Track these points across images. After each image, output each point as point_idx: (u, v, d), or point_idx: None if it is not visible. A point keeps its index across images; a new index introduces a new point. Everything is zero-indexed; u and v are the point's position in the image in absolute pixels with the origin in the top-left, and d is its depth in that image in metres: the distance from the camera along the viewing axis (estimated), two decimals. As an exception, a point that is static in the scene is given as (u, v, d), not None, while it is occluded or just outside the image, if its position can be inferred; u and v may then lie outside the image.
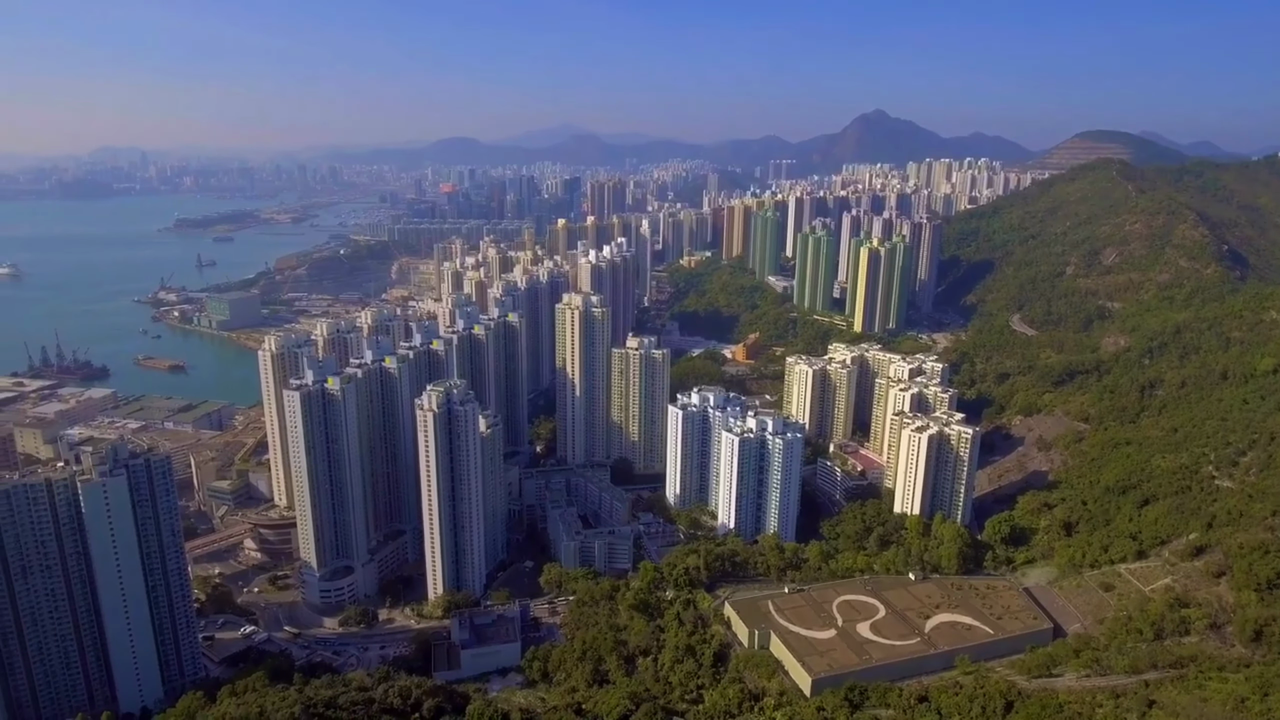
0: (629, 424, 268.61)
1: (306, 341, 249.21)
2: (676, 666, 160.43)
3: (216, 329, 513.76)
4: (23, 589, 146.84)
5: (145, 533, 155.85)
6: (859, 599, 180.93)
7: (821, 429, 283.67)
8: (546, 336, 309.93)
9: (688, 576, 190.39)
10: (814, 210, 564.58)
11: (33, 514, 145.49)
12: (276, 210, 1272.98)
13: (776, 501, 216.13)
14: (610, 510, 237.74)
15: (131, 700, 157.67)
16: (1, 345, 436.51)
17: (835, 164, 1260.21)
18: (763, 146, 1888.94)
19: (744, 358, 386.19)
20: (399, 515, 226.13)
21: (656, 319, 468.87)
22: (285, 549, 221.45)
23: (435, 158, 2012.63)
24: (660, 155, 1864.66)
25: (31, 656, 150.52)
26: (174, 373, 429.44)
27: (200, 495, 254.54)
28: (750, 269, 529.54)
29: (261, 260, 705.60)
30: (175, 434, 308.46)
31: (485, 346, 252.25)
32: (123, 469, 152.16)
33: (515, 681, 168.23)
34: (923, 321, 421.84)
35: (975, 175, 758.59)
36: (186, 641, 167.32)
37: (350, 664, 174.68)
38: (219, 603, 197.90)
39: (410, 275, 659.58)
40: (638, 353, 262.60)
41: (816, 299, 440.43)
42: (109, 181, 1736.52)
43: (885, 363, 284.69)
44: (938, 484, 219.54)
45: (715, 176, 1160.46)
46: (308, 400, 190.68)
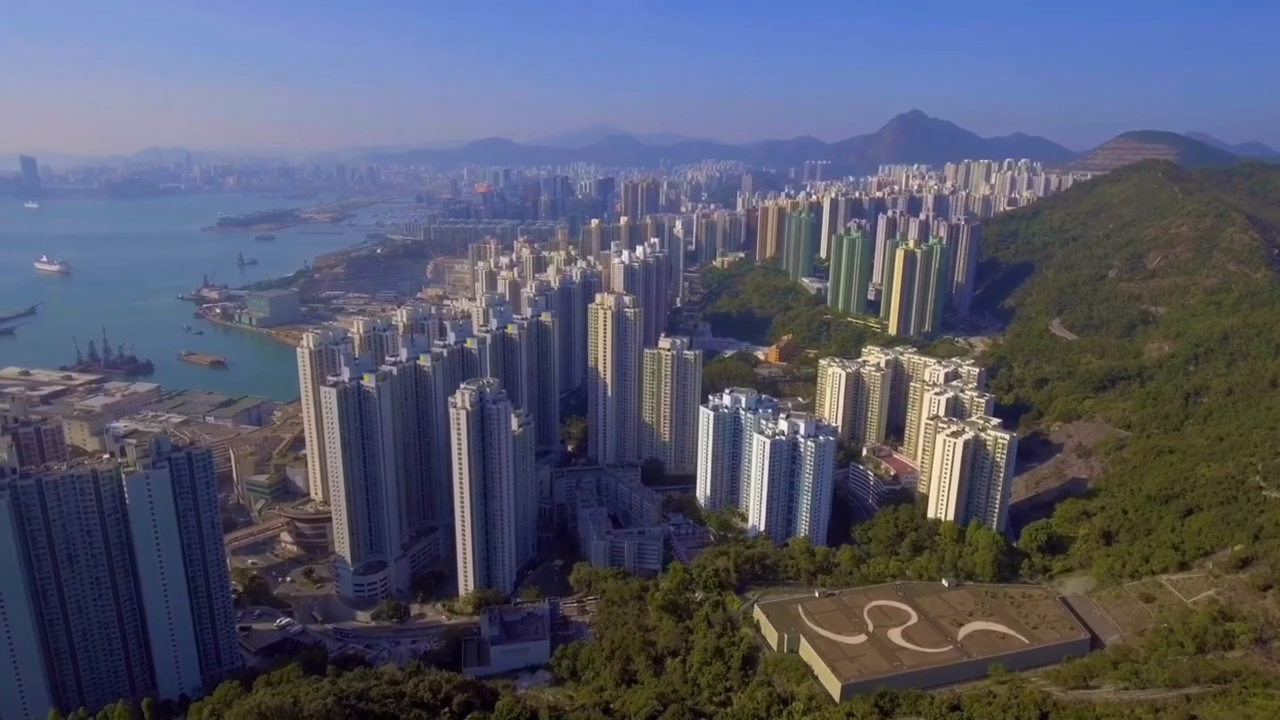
0: (660, 424, 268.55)
1: (343, 339, 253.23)
2: (705, 668, 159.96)
3: (257, 326, 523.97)
4: (69, 576, 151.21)
5: (186, 524, 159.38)
6: (891, 604, 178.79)
7: (854, 432, 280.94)
8: (579, 336, 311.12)
9: (717, 578, 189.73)
10: (849, 211, 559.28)
11: (79, 504, 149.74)
12: (316, 210, 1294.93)
13: (808, 505, 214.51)
14: (640, 510, 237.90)
15: (171, 688, 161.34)
16: (52, 340, 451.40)
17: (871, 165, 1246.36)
18: (798, 147, 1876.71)
19: (776, 359, 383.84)
20: (431, 512, 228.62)
21: (689, 320, 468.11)
22: (320, 543, 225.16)
23: (471, 158, 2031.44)
24: (695, 156, 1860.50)
25: (76, 642, 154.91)
26: (215, 368, 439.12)
27: (239, 489, 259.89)
28: (784, 270, 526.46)
29: (301, 259, 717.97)
30: (216, 428, 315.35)
31: (518, 346, 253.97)
32: (165, 462, 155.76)
33: (544, 679, 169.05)
34: (959, 325, 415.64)
35: (1015, 176, 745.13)
36: (224, 631, 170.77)
37: (382, 657, 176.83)
38: (256, 594, 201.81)
39: (445, 274, 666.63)
40: (670, 353, 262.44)
41: (851, 301, 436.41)
42: (155, 181, 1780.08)
43: (920, 366, 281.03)
44: (973, 490, 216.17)
45: (749, 177, 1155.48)
46: (344, 397, 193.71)
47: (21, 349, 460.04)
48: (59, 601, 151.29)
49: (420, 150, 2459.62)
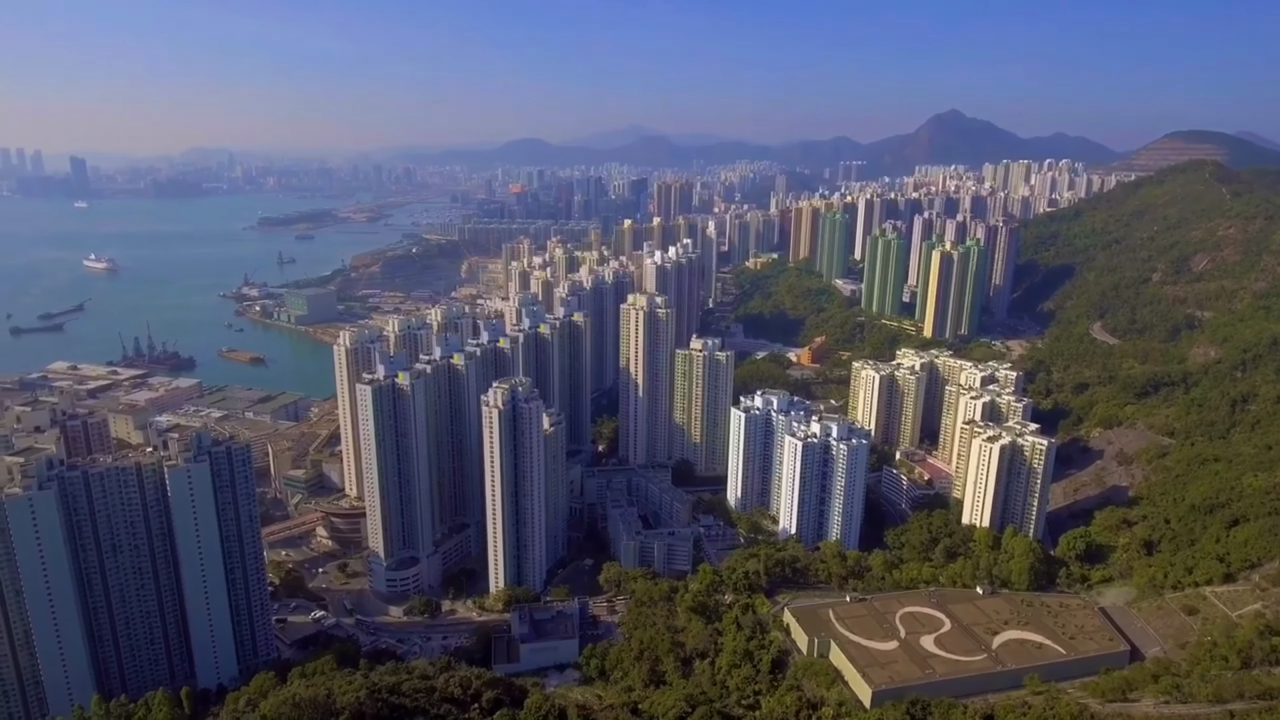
0: (691, 425, 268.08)
1: (379, 337, 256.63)
2: (734, 671, 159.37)
3: (295, 324, 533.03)
4: (113, 566, 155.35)
5: (225, 517, 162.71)
6: (923, 611, 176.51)
7: (888, 436, 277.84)
8: (611, 336, 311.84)
9: (747, 581, 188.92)
10: (884, 212, 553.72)
11: (123, 496, 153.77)
12: (353, 209, 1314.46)
13: (839, 508, 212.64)
14: (670, 511, 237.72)
15: (209, 677, 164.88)
16: (99, 336, 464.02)
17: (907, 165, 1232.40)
18: (832, 148, 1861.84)
19: (809, 361, 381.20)
20: (463, 509, 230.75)
21: (721, 321, 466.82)
22: (355, 538, 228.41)
23: (505, 159, 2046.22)
24: (728, 156, 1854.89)
25: (119, 631, 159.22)
26: (255, 365, 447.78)
27: (276, 483, 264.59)
28: (817, 271, 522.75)
29: (338, 258, 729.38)
30: (254, 424, 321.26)
31: (550, 345, 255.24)
32: (206, 456, 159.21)
33: (572, 678, 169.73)
34: (996, 328, 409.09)
35: (1055, 177, 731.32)
36: (261, 623, 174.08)
37: (413, 652, 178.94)
38: (291, 587, 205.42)
39: (479, 274, 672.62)
40: (701, 354, 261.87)
41: (885, 303, 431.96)
42: (199, 181, 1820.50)
43: (956, 369, 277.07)
44: (1009, 496, 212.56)
45: (783, 178, 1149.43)
46: (379, 394, 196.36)
47: (70, 344, 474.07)
48: (103, 590, 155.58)
49: (455, 151, 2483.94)
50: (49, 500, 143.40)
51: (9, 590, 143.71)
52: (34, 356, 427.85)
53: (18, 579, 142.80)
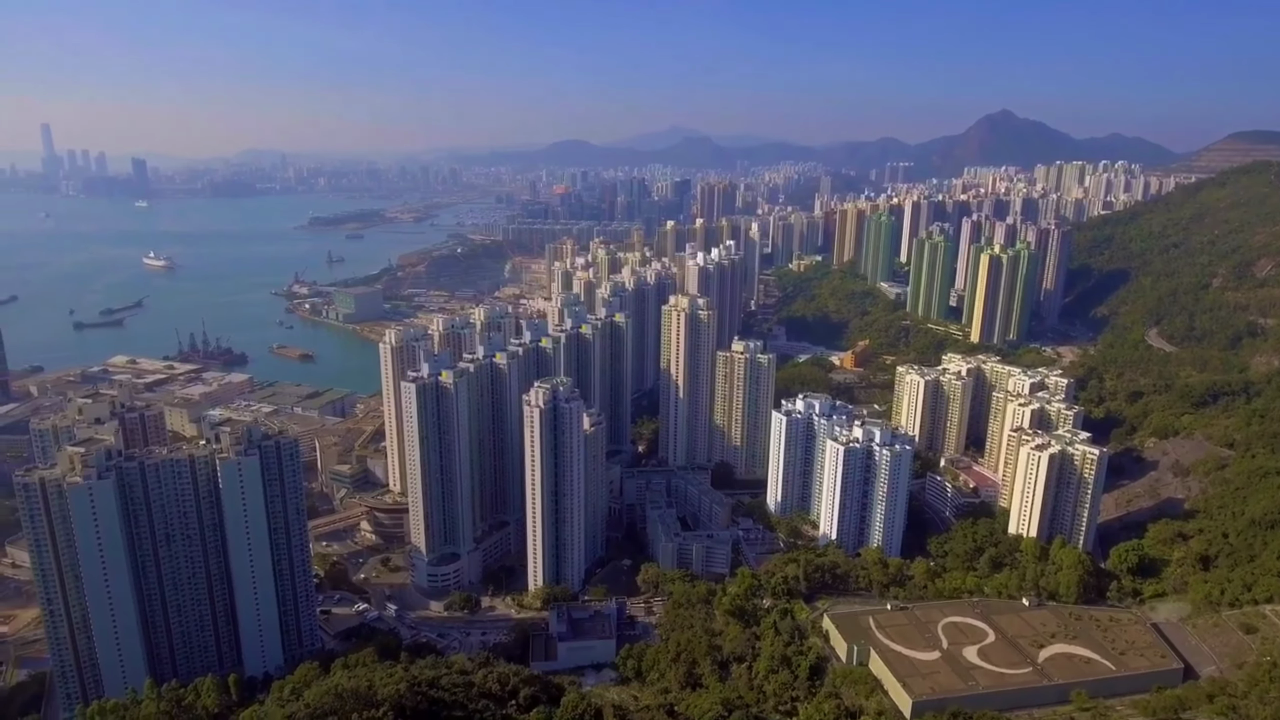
0: (731, 428, 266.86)
1: (423, 336, 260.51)
2: (771, 676, 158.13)
3: (343, 321, 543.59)
4: (166, 554, 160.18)
5: (273, 510, 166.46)
6: (967, 621, 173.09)
7: (932, 442, 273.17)
8: (652, 337, 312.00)
9: (786, 586, 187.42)
10: (931, 215, 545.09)
11: (177, 486, 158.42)
12: (400, 210, 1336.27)
13: (881, 515, 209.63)
14: (709, 514, 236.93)
15: (255, 665, 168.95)
16: (157, 331, 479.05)
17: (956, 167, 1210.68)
18: (878, 149, 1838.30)
19: (852, 365, 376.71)
20: (503, 507, 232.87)
21: (763, 323, 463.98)
22: (397, 533, 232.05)
23: (550, 160, 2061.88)
24: (772, 157, 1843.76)
25: (171, 618, 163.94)
26: (304, 361, 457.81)
27: (323, 477, 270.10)
28: (862, 274, 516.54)
29: (385, 257, 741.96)
30: (303, 419, 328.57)
31: (592, 346, 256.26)
32: (256, 449, 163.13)
33: (609, 677, 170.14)
34: (1047, 334, 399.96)
35: (1111, 179, 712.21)
36: (306, 614, 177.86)
37: (453, 647, 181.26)
38: (336, 580, 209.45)
39: (522, 274, 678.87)
40: (743, 356, 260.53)
41: (931, 307, 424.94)
42: (252, 182, 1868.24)
43: (1004, 375, 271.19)
44: (1058, 506, 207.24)
45: (828, 179, 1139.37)
46: (423, 392, 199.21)
47: (130, 339, 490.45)
48: (156, 578, 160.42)
49: (501, 152, 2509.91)
50: (108, 489, 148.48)
51: (69, 575, 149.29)
52: (96, 350, 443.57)
53: (77, 565, 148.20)
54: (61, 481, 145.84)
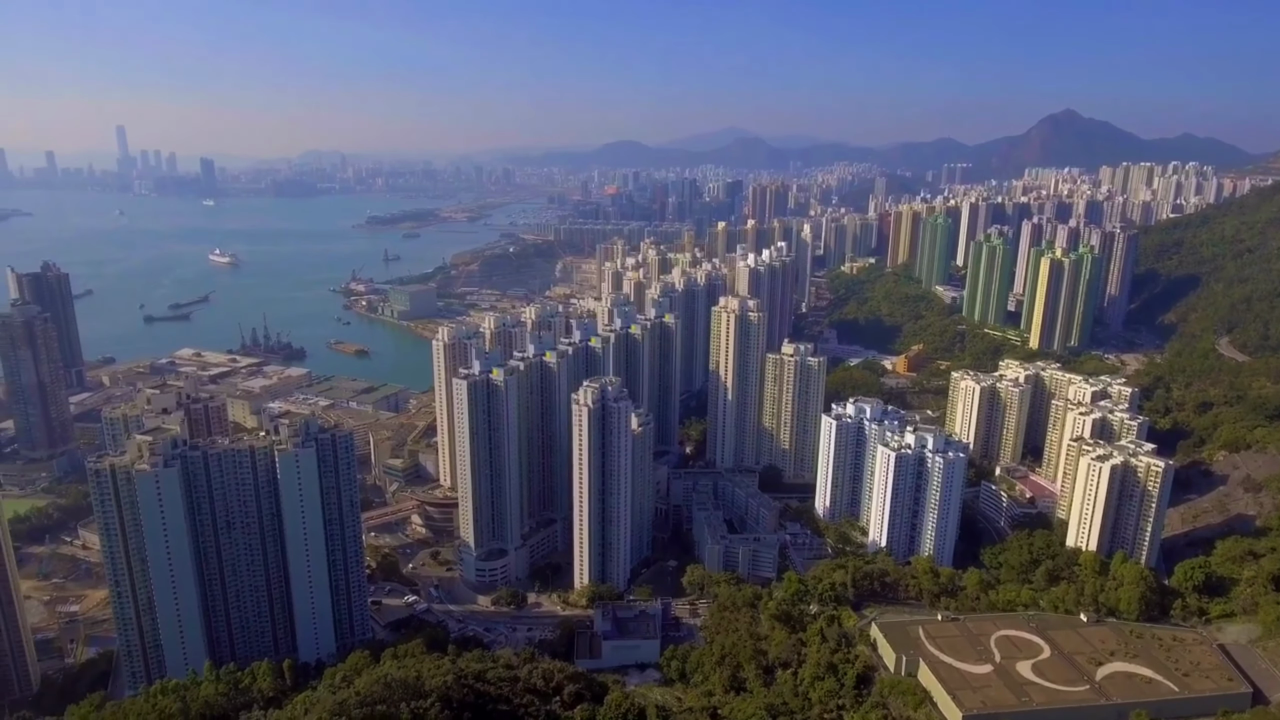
0: (780, 431, 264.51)
1: (475, 334, 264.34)
2: (817, 683, 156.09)
3: (397, 318, 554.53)
4: (226, 541, 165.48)
5: (328, 501, 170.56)
6: (1021, 635, 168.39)
7: (987, 450, 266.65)
8: (701, 339, 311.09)
9: (833, 592, 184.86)
10: (990, 217, 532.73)
11: (238, 476, 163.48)
12: (454, 209, 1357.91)
13: (933, 523, 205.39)
14: (756, 517, 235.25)
15: (309, 651, 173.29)
16: (221, 325, 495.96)
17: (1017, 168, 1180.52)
18: (936, 149, 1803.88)
19: (905, 370, 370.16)
20: (551, 504, 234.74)
21: (814, 326, 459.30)
22: (447, 527, 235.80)
23: (602, 160, 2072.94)
24: (826, 158, 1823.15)
25: (230, 603, 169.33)
26: (359, 357, 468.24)
27: (376, 471, 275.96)
28: (916, 277, 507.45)
29: (439, 256, 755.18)
30: (357, 413, 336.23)
31: (641, 346, 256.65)
32: (313, 442, 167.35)
33: (653, 678, 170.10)
34: (1110, 340, 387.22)
35: (1181, 181, 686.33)
36: (358, 604, 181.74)
37: (499, 641, 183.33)
38: (387, 571, 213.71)
39: (573, 274, 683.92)
40: (793, 359, 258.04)
41: (989, 311, 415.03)
42: (313, 181, 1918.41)
43: (1064, 383, 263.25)
44: (1119, 519, 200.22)
45: (883, 180, 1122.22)
46: (474, 389, 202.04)
47: (196, 332, 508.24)
48: (217, 564, 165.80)
49: (554, 152, 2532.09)
50: (173, 477, 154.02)
51: (135, 559, 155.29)
52: (164, 343, 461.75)
53: (144, 549, 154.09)
54: (130, 469, 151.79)
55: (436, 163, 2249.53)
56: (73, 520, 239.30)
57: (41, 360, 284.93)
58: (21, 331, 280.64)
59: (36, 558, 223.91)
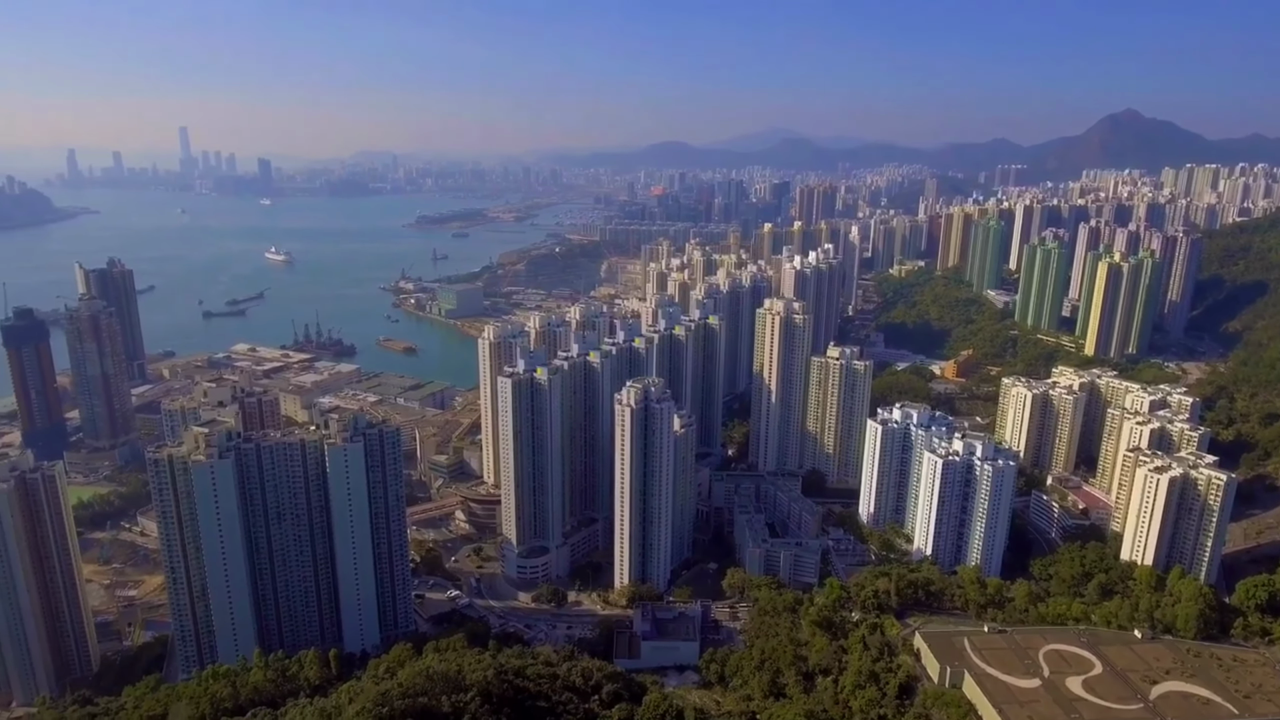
0: (824, 435, 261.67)
1: (520, 333, 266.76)
2: (858, 692, 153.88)
3: (445, 317, 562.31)
4: (277, 532, 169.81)
5: (375, 495, 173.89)
6: (1071, 650, 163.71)
7: (1039, 459, 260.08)
8: (745, 341, 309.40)
9: (876, 600, 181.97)
10: (1045, 220, 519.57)
11: (288, 468, 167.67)
12: (502, 210, 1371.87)
13: (981, 532, 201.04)
14: (799, 521, 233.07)
15: (354, 642, 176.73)
16: (275, 321, 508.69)
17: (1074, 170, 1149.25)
18: (989, 150, 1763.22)
19: (954, 375, 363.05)
20: (592, 504, 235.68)
21: (861, 329, 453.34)
22: (490, 524, 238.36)
23: (648, 161, 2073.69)
24: (875, 160, 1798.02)
25: (279, 592, 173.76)
26: (407, 354, 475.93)
27: (421, 466, 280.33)
28: (967, 281, 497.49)
29: (487, 255, 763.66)
30: (404, 409, 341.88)
31: (685, 347, 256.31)
32: (361, 437, 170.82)
33: (691, 680, 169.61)
34: (1170, 348, 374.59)
35: (1249, 183, 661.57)
36: (402, 597, 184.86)
37: (539, 638, 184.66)
38: (430, 566, 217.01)
39: (618, 274, 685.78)
40: (838, 362, 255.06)
41: (1042, 316, 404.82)
42: (365, 181, 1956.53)
43: (1121, 391, 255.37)
44: (1177, 534, 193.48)
45: (934, 182, 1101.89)
46: (518, 387, 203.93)
47: (251, 328, 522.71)
48: (267, 554, 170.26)
49: (601, 153, 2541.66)
50: (227, 469, 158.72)
51: (191, 547, 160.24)
52: (221, 338, 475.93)
53: (199, 537, 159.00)
54: (187, 459, 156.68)
55: (485, 163, 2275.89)
56: (133, 507, 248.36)
57: (106, 353, 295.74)
58: (88, 325, 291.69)
59: (98, 543, 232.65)
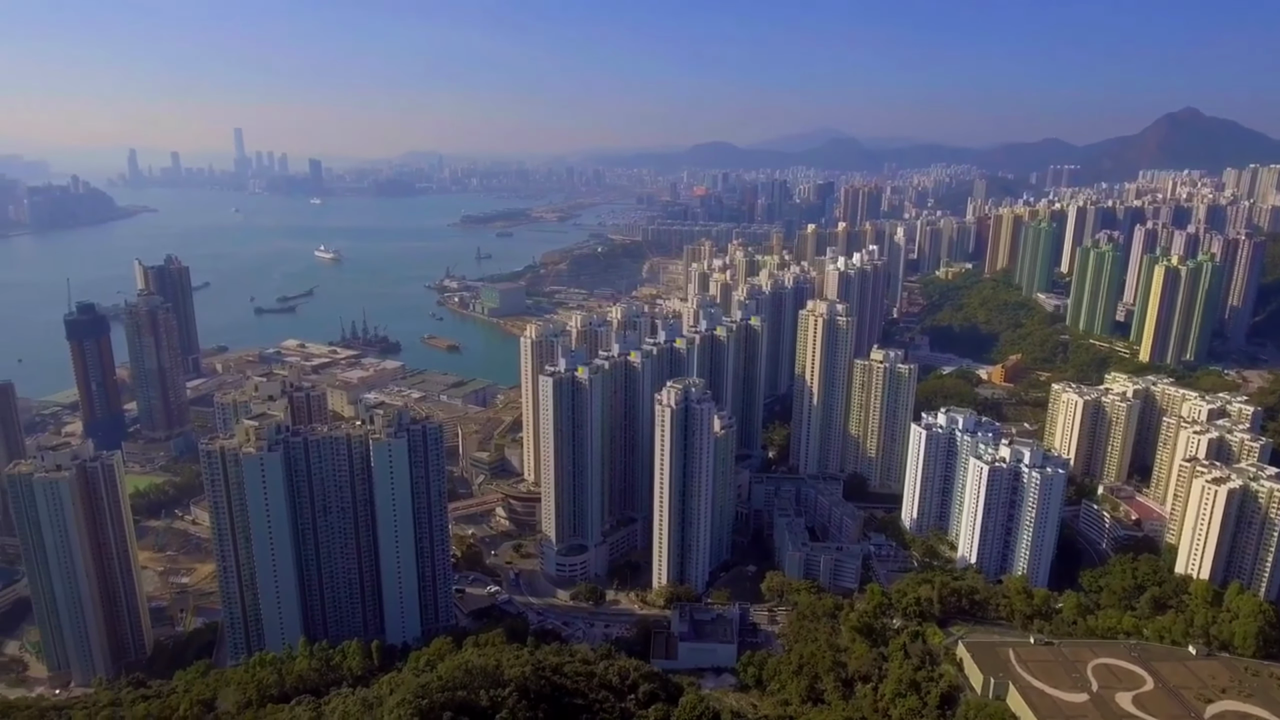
0: (867, 439, 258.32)
1: (562, 332, 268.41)
2: (898, 700, 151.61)
3: (488, 315, 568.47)
4: (323, 524, 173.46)
5: (417, 490, 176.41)
6: (1121, 665, 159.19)
7: (1089, 468, 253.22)
8: (787, 342, 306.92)
9: (918, 607, 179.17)
10: (1099, 222, 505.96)
11: (334, 462, 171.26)
12: (545, 209, 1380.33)
13: (1028, 541, 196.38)
14: (840, 525, 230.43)
15: (396, 634, 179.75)
16: (324, 318, 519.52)
17: (1130, 170, 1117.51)
18: (1041, 150, 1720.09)
19: (1001, 380, 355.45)
20: (631, 503, 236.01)
21: (905, 332, 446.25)
22: (530, 520, 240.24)
23: (692, 161, 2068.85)
24: (922, 160, 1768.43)
25: (325, 583, 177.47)
26: (451, 352, 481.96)
27: (463, 463, 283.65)
28: (1016, 284, 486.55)
29: (530, 255, 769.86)
30: (447, 406, 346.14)
31: (725, 348, 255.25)
32: (405, 433, 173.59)
33: (728, 682, 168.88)
34: (1231, 355, 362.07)
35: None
36: (443, 591, 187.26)
37: (577, 636, 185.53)
38: (470, 561, 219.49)
39: (660, 274, 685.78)
40: (882, 365, 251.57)
41: (1095, 321, 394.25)
42: (412, 181, 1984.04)
43: (1177, 399, 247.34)
44: (1236, 547, 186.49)
45: (982, 182, 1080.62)
46: (559, 386, 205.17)
47: (301, 324, 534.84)
48: (314, 546, 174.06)
49: (644, 153, 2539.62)
50: (276, 461, 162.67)
51: (241, 536, 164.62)
52: (271, 333, 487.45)
53: (248, 527, 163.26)
54: (238, 451, 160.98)
55: (529, 163, 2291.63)
56: (187, 497, 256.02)
57: (163, 347, 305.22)
58: (146, 320, 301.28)
59: (153, 530, 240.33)
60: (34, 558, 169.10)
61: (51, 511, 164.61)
